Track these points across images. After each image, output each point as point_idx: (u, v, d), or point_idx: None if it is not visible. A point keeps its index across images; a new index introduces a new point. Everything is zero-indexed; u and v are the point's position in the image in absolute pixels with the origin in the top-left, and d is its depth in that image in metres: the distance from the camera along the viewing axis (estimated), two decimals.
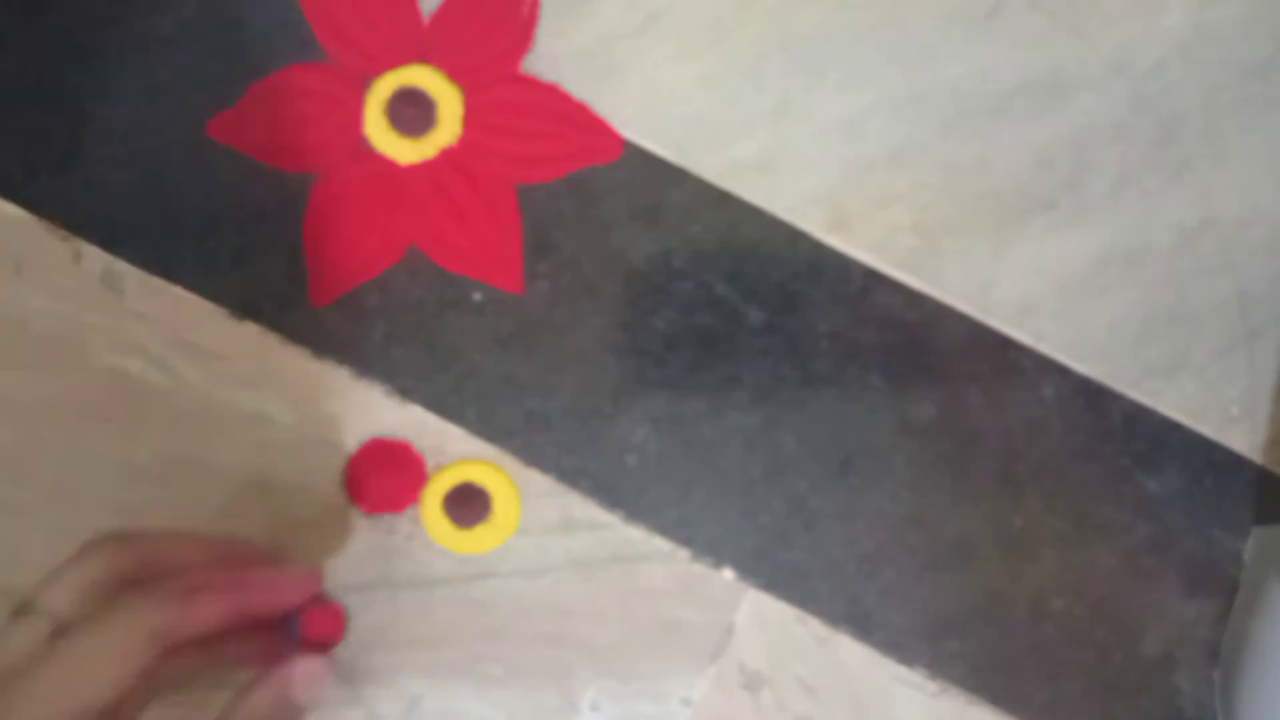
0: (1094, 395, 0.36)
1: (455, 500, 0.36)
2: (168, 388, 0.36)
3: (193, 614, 0.29)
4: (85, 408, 0.36)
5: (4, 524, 0.36)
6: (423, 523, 0.36)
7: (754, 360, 0.36)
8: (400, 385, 0.36)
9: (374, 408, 0.36)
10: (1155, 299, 0.36)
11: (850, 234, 0.36)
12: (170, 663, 0.28)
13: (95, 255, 0.36)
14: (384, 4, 0.36)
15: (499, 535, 0.36)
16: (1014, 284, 0.36)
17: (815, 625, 0.37)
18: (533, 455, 0.36)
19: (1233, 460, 0.36)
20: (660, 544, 0.37)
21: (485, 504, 0.36)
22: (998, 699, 0.37)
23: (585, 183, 0.36)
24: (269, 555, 0.35)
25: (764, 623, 0.37)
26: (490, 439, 0.36)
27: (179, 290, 0.36)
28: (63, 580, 0.28)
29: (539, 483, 0.37)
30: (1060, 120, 0.36)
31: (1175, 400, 0.36)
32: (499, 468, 0.36)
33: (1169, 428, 0.36)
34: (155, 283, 0.36)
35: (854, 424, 0.37)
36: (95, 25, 0.36)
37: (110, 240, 0.36)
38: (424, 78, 0.36)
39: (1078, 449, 0.36)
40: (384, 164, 0.36)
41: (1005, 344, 0.36)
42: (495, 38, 0.36)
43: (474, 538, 0.36)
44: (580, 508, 0.37)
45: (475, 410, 0.36)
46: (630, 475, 0.37)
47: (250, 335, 0.36)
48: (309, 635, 0.33)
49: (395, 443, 0.36)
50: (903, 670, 0.37)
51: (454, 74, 0.36)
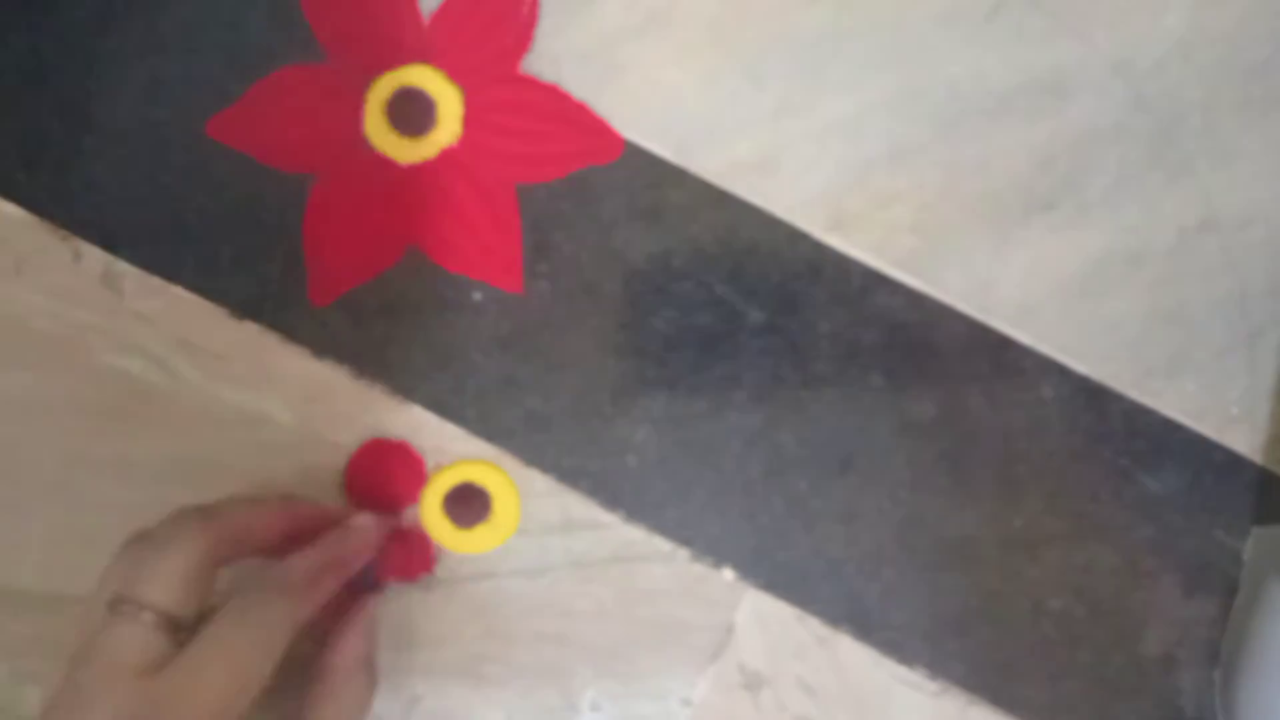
0: (1094, 395, 0.36)
1: (455, 500, 0.36)
2: (168, 388, 0.36)
3: (319, 598, 0.30)
4: (85, 408, 0.36)
5: (4, 523, 0.36)
6: (423, 523, 0.36)
7: (754, 360, 0.36)
8: (400, 385, 0.36)
9: (374, 408, 0.36)
10: (1155, 299, 0.36)
11: (850, 234, 0.36)
12: None
13: (95, 255, 0.36)
14: (384, 4, 0.36)
15: (499, 535, 0.36)
16: (1014, 284, 0.36)
17: (815, 625, 0.37)
18: (533, 455, 0.36)
19: (1233, 460, 0.36)
20: (660, 544, 0.37)
21: (485, 504, 0.36)
22: (998, 699, 0.37)
23: (585, 183, 0.36)
24: (330, 511, 0.35)
25: (764, 623, 0.37)
26: (490, 439, 0.36)
27: (179, 290, 0.36)
28: (158, 573, 0.28)
29: (539, 483, 0.37)
30: (1060, 120, 0.36)
31: (1175, 400, 0.36)
32: (499, 468, 0.36)
33: (1169, 428, 0.36)
34: (155, 283, 0.36)
35: (854, 424, 0.37)
36: (95, 25, 0.36)
37: (110, 240, 0.36)
38: (424, 78, 0.36)
39: (1078, 449, 0.36)
40: (384, 164, 0.36)
41: (1005, 344, 0.36)
42: (495, 38, 0.36)
43: (474, 538, 0.36)
44: (580, 508, 0.37)
45: (475, 410, 0.36)
46: (630, 475, 0.37)
47: (250, 335, 0.36)
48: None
49: (395, 443, 0.36)
50: (903, 670, 0.37)
51: (454, 74, 0.36)
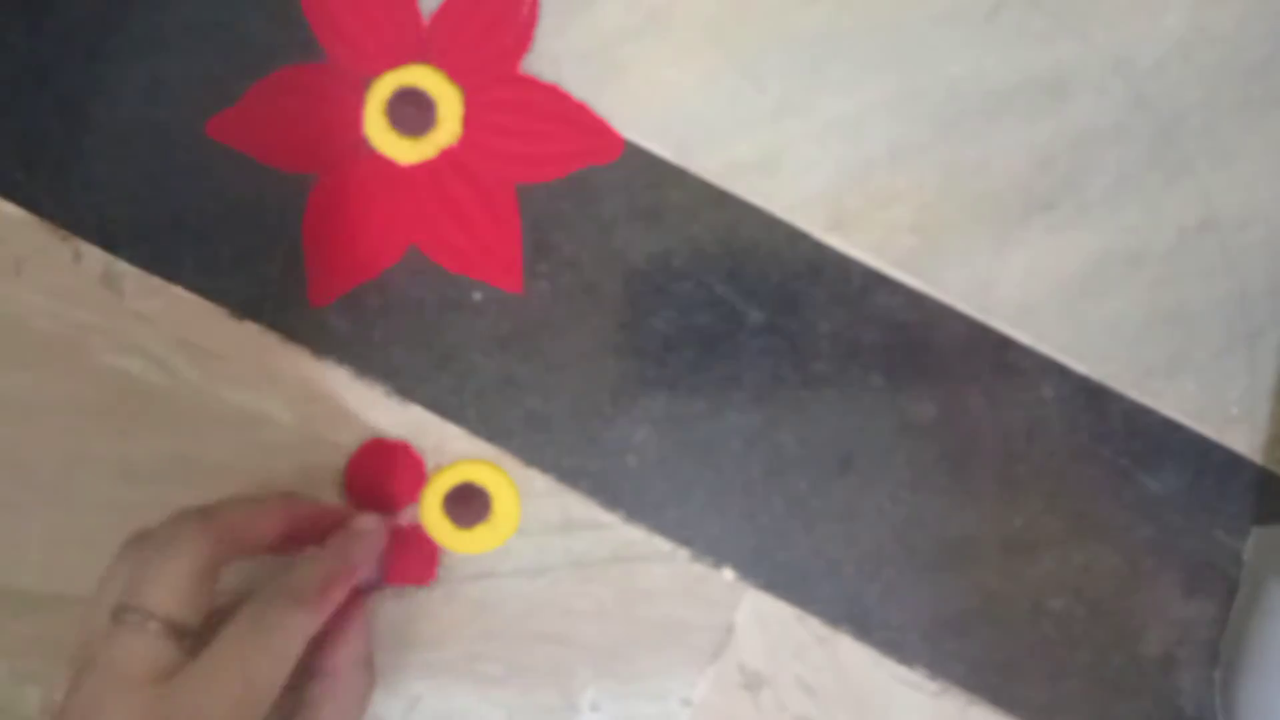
0: (1094, 395, 0.36)
1: (455, 500, 0.36)
2: (168, 388, 0.36)
3: (330, 606, 0.30)
4: (85, 408, 0.36)
5: (4, 524, 0.36)
6: (423, 523, 0.36)
7: (754, 360, 0.36)
8: (400, 385, 0.36)
9: (374, 408, 0.36)
10: (1155, 299, 0.36)
11: (850, 234, 0.36)
12: None
13: (95, 255, 0.36)
14: (384, 4, 0.36)
15: (499, 535, 0.36)
16: (1014, 284, 0.36)
17: (815, 625, 0.37)
18: (533, 455, 0.36)
19: (1233, 460, 0.36)
20: (660, 544, 0.37)
21: (485, 504, 0.36)
22: (998, 699, 0.37)
23: (585, 183, 0.36)
24: (330, 510, 0.35)
25: (764, 623, 0.37)
26: (490, 439, 0.36)
27: (179, 290, 0.36)
28: (161, 579, 0.28)
29: (539, 483, 0.37)
30: (1060, 120, 0.36)
31: (1175, 400, 0.36)
32: (499, 468, 0.36)
33: (1169, 428, 0.36)
34: (155, 283, 0.36)
35: (854, 424, 0.37)
36: (95, 25, 0.36)
37: (110, 240, 0.36)
38: (424, 78, 0.36)
39: (1078, 449, 0.36)
40: (384, 164, 0.36)
41: (1005, 344, 0.36)
42: (495, 38, 0.36)
43: (474, 538, 0.36)
44: (580, 508, 0.37)
45: (475, 410, 0.36)
46: (630, 475, 0.37)
47: (250, 335, 0.36)
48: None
49: (395, 443, 0.36)
50: (903, 670, 0.37)
51: (454, 74, 0.36)
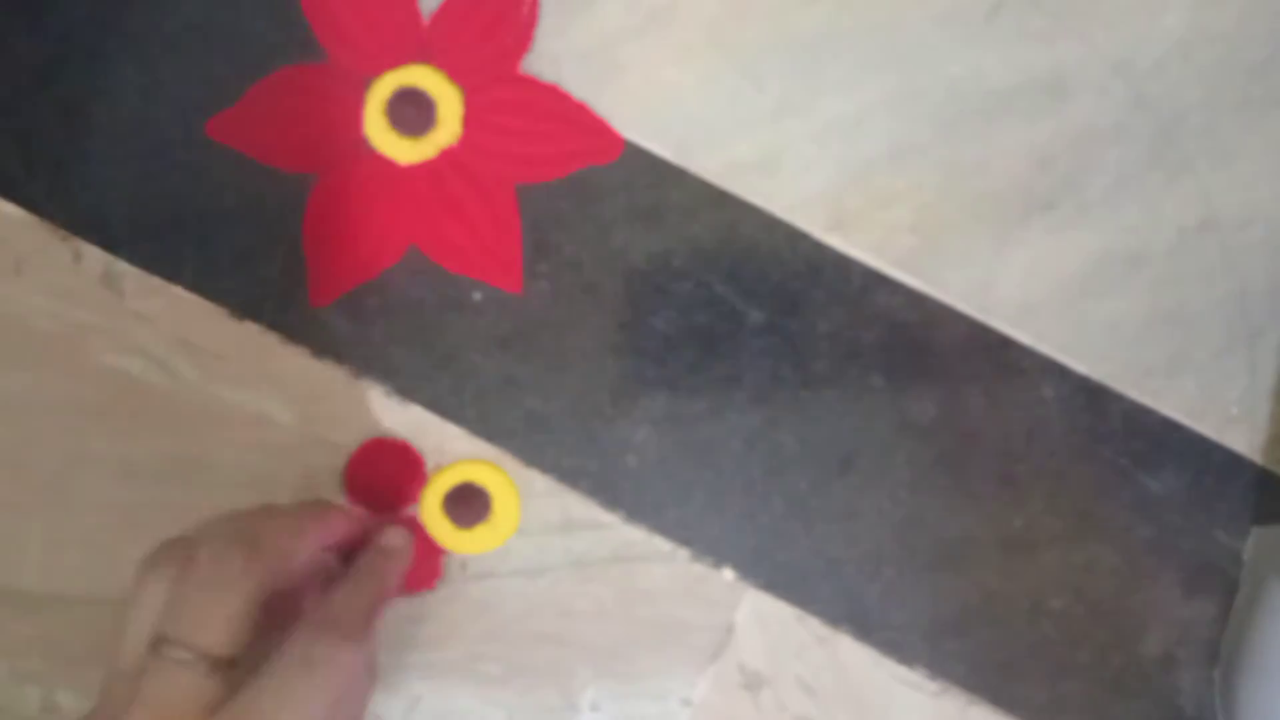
0: (1094, 395, 0.36)
1: (455, 500, 0.36)
2: (168, 388, 0.36)
3: (373, 633, 0.31)
4: (85, 408, 0.36)
5: (4, 524, 0.36)
6: (423, 523, 0.36)
7: (754, 360, 0.36)
8: (400, 385, 0.36)
9: (374, 408, 0.36)
10: (1155, 299, 0.36)
11: (850, 234, 0.36)
12: None
13: (95, 255, 0.36)
14: (384, 4, 0.36)
15: (499, 535, 0.36)
16: (1014, 284, 0.36)
17: (815, 625, 0.37)
18: (533, 455, 0.36)
19: (1233, 460, 0.36)
20: (660, 544, 0.37)
21: (485, 504, 0.36)
22: (998, 699, 0.37)
23: (585, 183, 0.36)
24: (358, 517, 0.36)
25: (764, 623, 0.37)
26: (490, 439, 0.36)
27: (179, 290, 0.36)
28: (209, 618, 0.29)
29: (539, 483, 0.37)
30: (1060, 120, 0.36)
31: (1175, 400, 0.36)
32: (499, 468, 0.36)
33: (1169, 428, 0.36)
34: (155, 283, 0.36)
35: (854, 424, 0.37)
36: (95, 25, 0.36)
37: (110, 240, 0.36)
38: (424, 78, 0.36)
39: (1078, 449, 0.36)
40: (384, 164, 0.36)
41: (1005, 344, 0.36)
42: (495, 38, 0.36)
43: (474, 538, 0.36)
44: (580, 508, 0.37)
45: (475, 410, 0.36)
46: (630, 475, 0.37)
47: (250, 335, 0.36)
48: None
49: (395, 443, 0.36)
50: (903, 670, 0.37)
51: (454, 74, 0.36)
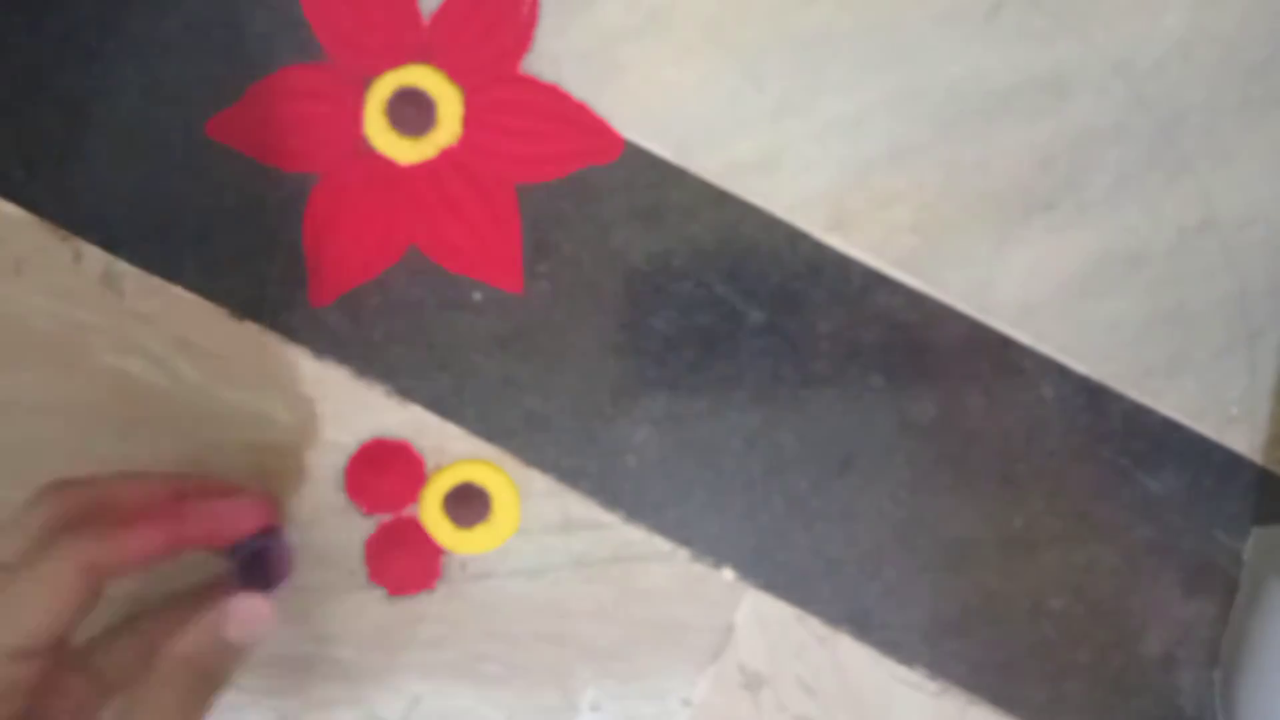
0: (1094, 395, 0.36)
1: (455, 500, 0.36)
2: (168, 388, 0.36)
3: (123, 546, 0.29)
4: (85, 408, 0.36)
5: None
6: (423, 523, 0.36)
7: (754, 360, 0.36)
8: (400, 385, 0.36)
9: (374, 408, 0.36)
10: (1155, 299, 0.36)
11: (850, 234, 0.36)
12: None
13: (95, 255, 0.36)
14: (384, 4, 0.36)
15: (499, 535, 0.36)
16: (1014, 284, 0.36)
17: (815, 625, 0.37)
18: (533, 455, 0.36)
19: (1233, 460, 0.36)
20: (660, 544, 0.37)
21: (485, 504, 0.36)
22: (998, 699, 0.37)
23: (585, 183, 0.36)
24: (227, 488, 0.34)
25: (764, 623, 0.37)
26: (490, 439, 0.36)
27: (179, 290, 0.36)
28: (7, 530, 0.29)
29: (539, 483, 0.37)
30: (1060, 120, 0.36)
31: (1175, 400, 0.36)
32: (499, 468, 0.36)
33: (1169, 428, 0.36)
34: (155, 283, 0.36)
35: (854, 424, 0.37)
36: (95, 25, 0.36)
37: (110, 240, 0.36)
38: (424, 78, 0.36)
39: (1078, 449, 0.36)
40: (384, 164, 0.36)
41: (1005, 344, 0.36)
42: (495, 38, 0.36)
43: (474, 538, 0.36)
44: (580, 508, 0.37)
45: (475, 410, 0.36)
46: (630, 475, 0.37)
47: (250, 335, 0.36)
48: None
49: (395, 443, 0.36)
50: (903, 670, 0.37)
51: (454, 74, 0.36)
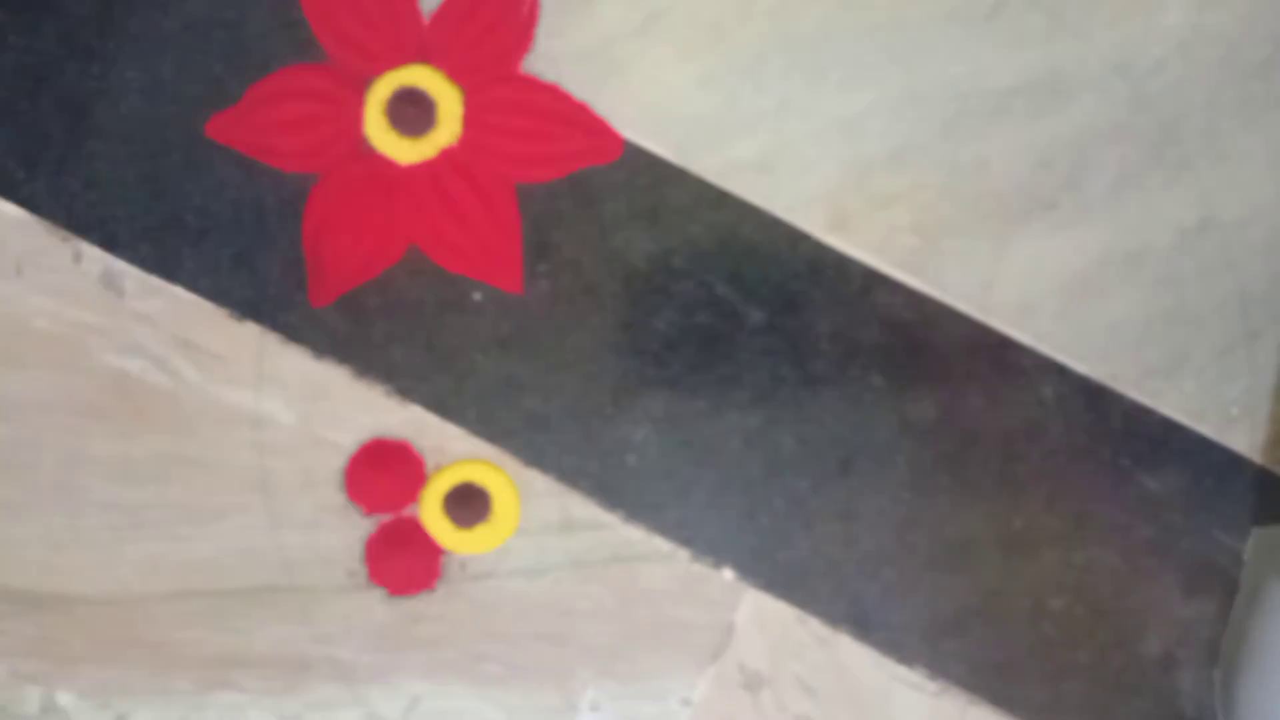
0: (1094, 395, 0.36)
1: (455, 500, 0.36)
2: (168, 388, 0.36)
3: None
4: (85, 408, 0.36)
5: (4, 524, 0.36)
6: (423, 522, 0.36)
7: (754, 360, 0.36)
8: (400, 385, 0.36)
9: (374, 408, 0.36)
10: (1155, 299, 0.36)
11: (850, 234, 0.36)
12: None
13: (95, 255, 0.36)
14: (384, 4, 0.36)
15: (499, 535, 0.36)
16: (1014, 284, 0.36)
17: (815, 625, 0.37)
18: (533, 455, 0.36)
19: (1233, 460, 0.36)
20: (660, 544, 0.37)
21: (485, 504, 0.36)
22: (998, 699, 0.37)
23: (585, 183, 0.36)
24: None
25: (764, 623, 0.37)
26: (490, 439, 0.36)
27: (179, 290, 0.36)
28: None
29: (539, 483, 0.37)
30: (1060, 120, 0.36)
31: (1175, 400, 0.36)
32: (499, 468, 0.36)
33: (1169, 428, 0.36)
34: (155, 283, 0.36)
35: (854, 424, 0.37)
36: (95, 25, 0.36)
37: (110, 240, 0.36)
38: (424, 78, 0.36)
39: (1078, 449, 0.36)
40: (384, 164, 0.36)
41: (1005, 344, 0.36)
42: (495, 38, 0.36)
43: (474, 538, 0.36)
44: (580, 508, 0.37)
45: (475, 410, 0.36)
46: (630, 475, 0.37)
47: (250, 335, 0.36)
48: None
49: (395, 443, 0.36)
50: (903, 670, 0.37)
51: (454, 74, 0.36)
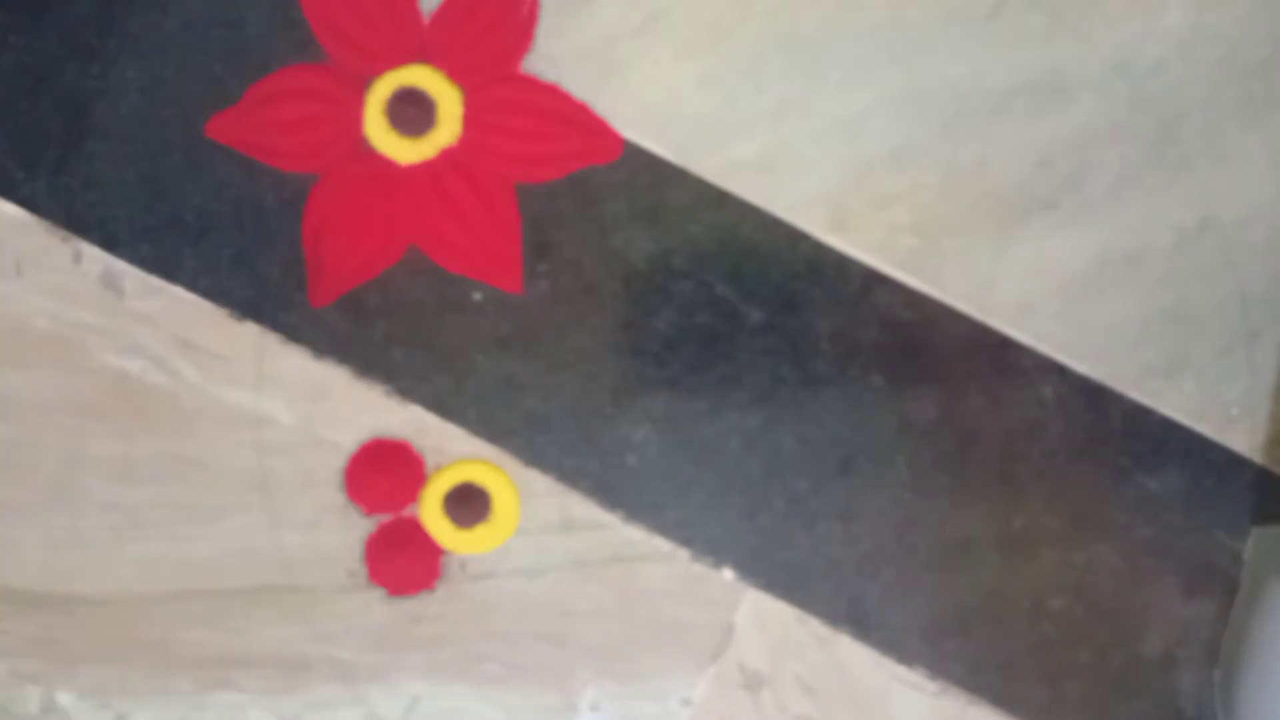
0: (1094, 395, 0.36)
1: (455, 500, 0.36)
2: (168, 388, 0.36)
3: None
4: (85, 408, 0.36)
5: (4, 524, 0.36)
6: (423, 522, 0.36)
7: (754, 360, 0.36)
8: (400, 385, 0.36)
9: (374, 408, 0.36)
10: (1155, 299, 0.36)
11: (850, 234, 0.36)
12: None
13: (95, 255, 0.36)
14: (384, 4, 0.36)
15: (499, 535, 0.36)
16: (1014, 284, 0.36)
17: (815, 625, 0.37)
18: (533, 455, 0.36)
19: (1233, 460, 0.36)
20: (660, 544, 0.37)
21: (485, 504, 0.36)
22: (998, 699, 0.37)
23: (585, 183, 0.36)
24: None
25: (764, 623, 0.37)
26: (490, 439, 0.36)
27: (179, 290, 0.36)
28: None
29: (539, 483, 0.37)
30: (1060, 120, 0.36)
31: (1175, 400, 0.36)
32: (499, 468, 0.36)
33: (1169, 428, 0.36)
34: (155, 283, 0.36)
35: (854, 424, 0.37)
36: (95, 25, 0.36)
37: (110, 240, 0.36)
38: (424, 78, 0.36)
39: (1078, 449, 0.36)
40: (384, 164, 0.36)
41: (1005, 344, 0.36)
42: (495, 38, 0.36)
43: (474, 538, 0.36)
44: (580, 508, 0.37)
45: (475, 410, 0.36)
46: (630, 475, 0.37)
47: (250, 335, 0.36)
48: None
49: (395, 443, 0.36)
50: (903, 670, 0.37)
51: (454, 74, 0.36)
